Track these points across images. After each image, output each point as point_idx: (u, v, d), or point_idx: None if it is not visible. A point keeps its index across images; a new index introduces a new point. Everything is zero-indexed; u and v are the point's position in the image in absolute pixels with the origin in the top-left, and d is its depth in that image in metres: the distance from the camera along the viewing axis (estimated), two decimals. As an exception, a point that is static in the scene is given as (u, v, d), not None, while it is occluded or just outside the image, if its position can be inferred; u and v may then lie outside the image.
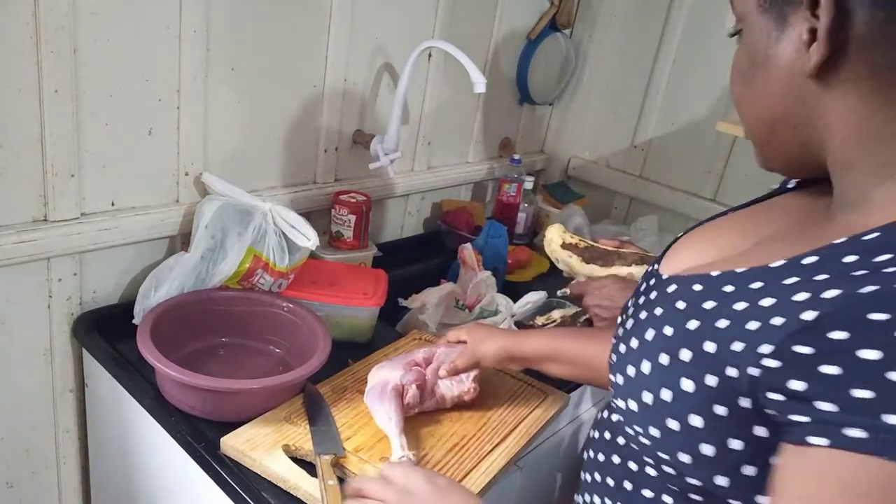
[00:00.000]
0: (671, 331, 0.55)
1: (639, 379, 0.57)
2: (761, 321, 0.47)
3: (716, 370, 0.50)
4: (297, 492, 0.78)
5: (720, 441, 0.50)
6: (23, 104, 0.91)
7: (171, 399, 0.92)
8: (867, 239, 0.46)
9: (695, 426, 0.51)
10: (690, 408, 0.52)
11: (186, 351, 1.01)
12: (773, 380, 0.45)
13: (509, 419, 0.98)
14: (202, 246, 1.05)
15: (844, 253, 0.46)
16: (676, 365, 0.53)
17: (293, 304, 1.06)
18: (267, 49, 1.15)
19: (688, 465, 0.53)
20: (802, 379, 0.43)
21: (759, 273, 0.51)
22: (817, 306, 0.44)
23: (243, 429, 0.86)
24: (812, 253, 0.49)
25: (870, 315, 0.41)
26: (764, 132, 0.55)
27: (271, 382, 0.89)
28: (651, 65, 1.75)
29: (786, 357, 0.44)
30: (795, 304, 0.45)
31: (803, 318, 0.44)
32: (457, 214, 1.60)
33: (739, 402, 0.48)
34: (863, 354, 0.40)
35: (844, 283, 0.44)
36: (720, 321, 0.51)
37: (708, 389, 0.50)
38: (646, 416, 0.56)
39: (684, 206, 1.73)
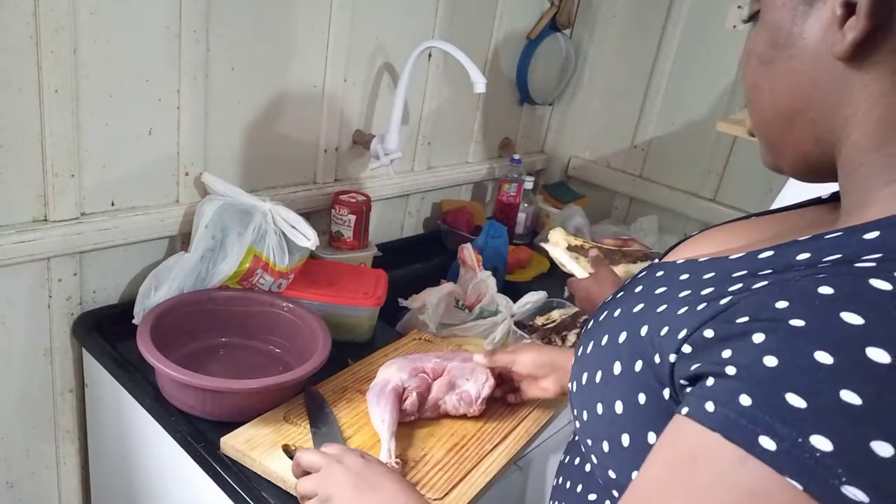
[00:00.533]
0: (618, 312, 0.54)
1: (582, 358, 0.56)
2: (690, 307, 0.45)
3: (644, 355, 0.47)
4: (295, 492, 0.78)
5: (637, 432, 0.48)
6: (23, 104, 0.91)
7: (171, 399, 0.92)
8: (827, 238, 0.43)
9: (616, 412, 0.49)
10: (615, 392, 0.50)
11: (186, 351, 1.01)
12: (683, 365, 0.43)
13: (509, 419, 0.98)
14: (202, 246, 1.05)
15: (801, 250, 0.44)
16: (613, 346, 0.51)
17: (293, 304, 1.06)
18: (267, 49, 1.15)
19: (607, 455, 0.51)
20: (700, 361, 0.41)
21: (716, 263, 0.49)
22: (739, 294, 0.42)
23: (243, 429, 0.86)
24: (770, 248, 0.46)
25: (775, 302, 0.38)
26: (780, 125, 0.50)
27: (271, 382, 0.89)
28: (651, 65, 1.76)
29: (696, 342, 0.42)
30: (727, 293, 0.43)
31: (721, 303, 0.42)
32: (457, 214, 1.60)
33: (661, 391, 0.46)
34: (752, 337, 0.38)
35: (778, 277, 0.42)
36: (661, 306, 0.49)
37: (633, 374, 0.48)
38: (580, 396, 0.54)
39: (684, 206, 1.74)
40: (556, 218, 1.72)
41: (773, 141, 0.52)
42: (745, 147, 1.62)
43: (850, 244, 0.41)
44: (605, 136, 1.90)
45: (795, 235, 0.50)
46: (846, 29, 0.43)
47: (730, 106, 1.61)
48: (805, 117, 0.48)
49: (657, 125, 1.79)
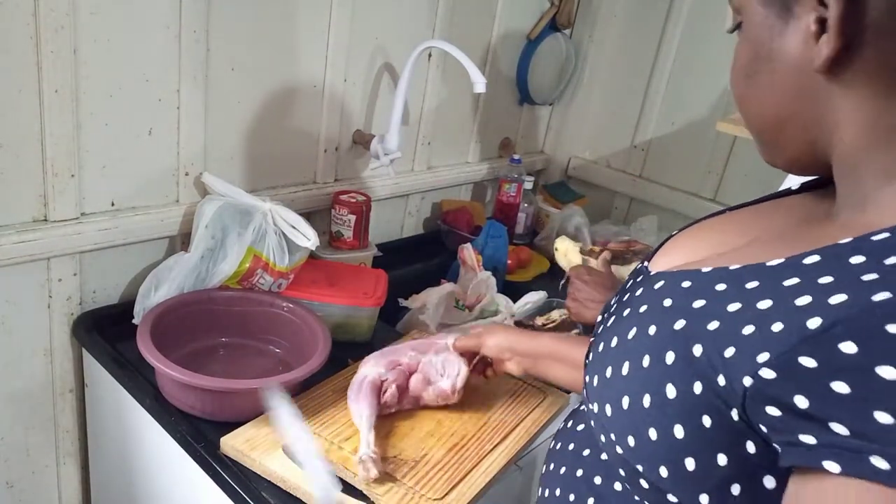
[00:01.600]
0: (655, 330, 0.51)
1: (616, 381, 0.53)
2: (757, 326, 0.43)
3: (703, 377, 0.45)
4: (296, 492, 0.79)
5: (705, 455, 0.46)
6: (23, 104, 0.91)
7: (171, 399, 0.92)
8: (876, 240, 0.42)
9: (677, 437, 0.47)
10: (673, 416, 0.47)
11: (186, 351, 1.01)
12: (770, 392, 0.40)
13: (509, 419, 0.98)
14: (202, 246, 1.05)
15: (850, 253, 0.42)
16: (659, 368, 0.48)
17: (293, 304, 1.06)
18: (267, 49, 1.15)
19: (667, 480, 0.48)
20: (805, 395, 0.38)
21: (754, 271, 0.47)
22: (823, 313, 0.39)
23: (243, 429, 0.86)
24: (814, 252, 0.44)
25: (885, 326, 0.36)
26: (771, 131, 0.52)
27: (271, 382, 0.89)
28: (651, 65, 1.76)
29: (786, 369, 0.40)
30: (798, 308, 0.41)
31: (808, 325, 0.39)
32: (457, 214, 1.60)
33: (728, 413, 0.44)
34: (878, 371, 0.36)
35: (853, 287, 0.40)
36: (711, 322, 0.46)
37: (693, 397, 0.46)
38: (622, 422, 0.51)
39: (684, 206, 1.73)
40: (556, 218, 1.71)
41: (768, 142, 0.53)
42: (745, 147, 1.62)
43: None
44: (605, 136, 1.90)
45: (794, 235, 0.51)
46: (821, 44, 0.44)
47: (730, 106, 1.61)
48: (794, 124, 0.50)
49: (657, 125, 1.79)
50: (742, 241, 0.55)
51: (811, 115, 0.48)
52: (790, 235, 0.52)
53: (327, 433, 0.88)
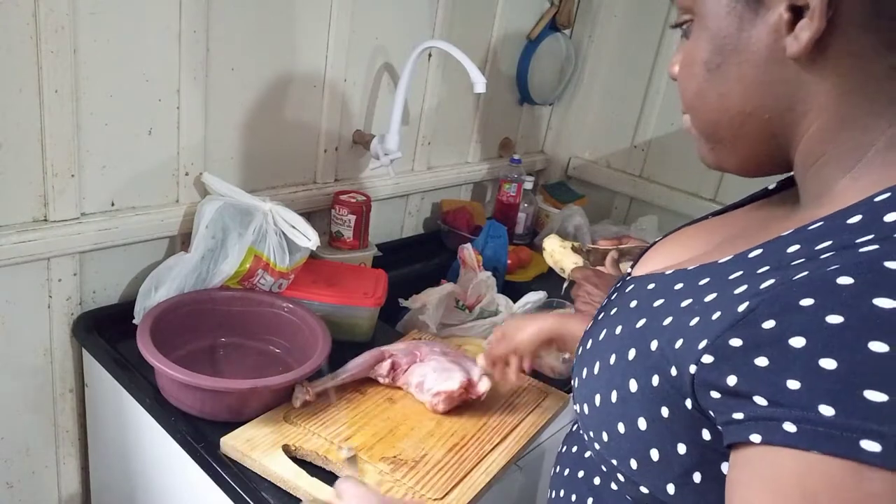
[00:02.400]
0: (620, 329, 0.54)
1: (590, 380, 0.55)
2: (701, 316, 0.45)
3: (659, 369, 0.47)
4: (297, 492, 0.79)
5: (666, 445, 0.48)
6: (23, 104, 0.91)
7: (171, 399, 0.92)
8: (812, 228, 0.44)
9: (641, 429, 0.49)
10: (636, 409, 0.49)
11: (186, 351, 1.01)
12: (709, 376, 0.42)
13: (509, 419, 0.98)
14: (203, 246, 1.05)
15: (789, 244, 0.44)
16: (623, 364, 0.51)
17: (293, 305, 1.06)
18: (267, 49, 1.15)
19: (637, 472, 0.50)
20: (735, 373, 0.40)
21: (706, 270, 0.50)
22: (752, 297, 0.42)
23: (243, 429, 0.86)
24: (758, 246, 0.47)
25: (799, 301, 0.38)
26: (730, 126, 0.51)
27: (271, 382, 0.89)
28: (651, 65, 1.76)
29: (720, 352, 0.42)
30: (734, 296, 0.43)
31: (738, 309, 0.42)
32: (457, 214, 1.60)
33: (683, 402, 0.46)
34: (790, 342, 0.38)
35: (781, 271, 0.42)
36: (666, 318, 0.49)
37: (652, 389, 0.48)
38: (596, 418, 0.54)
39: (684, 206, 1.73)
40: (557, 218, 1.72)
41: (721, 141, 0.52)
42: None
43: (836, 230, 0.43)
44: (605, 136, 1.90)
45: (753, 234, 0.52)
46: (798, 30, 0.44)
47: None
48: (758, 118, 0.49)
49: (657, 125, 1.79)
50: (712, 245, 0.57)
51: (778, 106, 0.48)
52: (749, 235, 0.53)
53: (327, 433, 0.88)
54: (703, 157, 0.56)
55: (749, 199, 0.65)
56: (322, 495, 0.75)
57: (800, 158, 0.49)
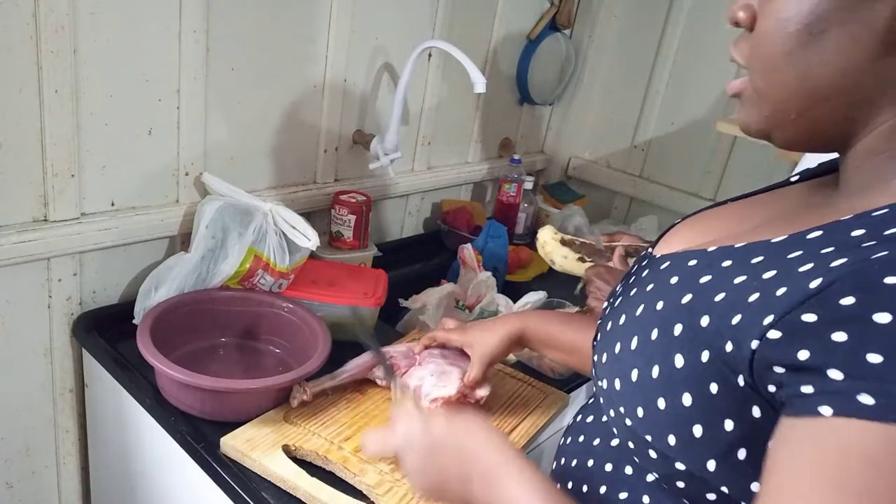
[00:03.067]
0: (662, 304, 0.52)
1: (625, 355, 0.54)
2: (762, 293, 0.44)
3: (711, 345, 0.46)
4: (296, 492, 0.79)
5: (712, 421, 0.47)
6: (23, 104, 0.91)
7: (171, 399, 0.92)
8: (876, 214, 0.43)
9: (685, 405, 0.48)
10: (681, 385, 0.48)
11: (186, 350, 1.01)
12: (775, 352, 0.42)
13: (509, 420, 0.98)
14: (203, 246, 1.05)
15: (851, 228, 0.43)
16: (667, 340, 0.50)
17: (293, 305, 1.06)
18: (267, 49, 1.15)
19: (674, 448, 0.50)
20: (807, 348, 0.40)
21: (759, 247, 0.48)
22: (824, 274, 0.41)
23: (243, 429, 0.86)
24: (816, 228, 0.46)
25: (884, 279, 0.38)
26: (808, 100, 0.47)
27: (271, 383, 0.89)
28: (651, 65, 1.76)
29: (790, 327, 0.41)
30: (800, 274, 0.42)
31: (811, 286, 0.41)
32: (457, 214, 1.60)
33: (735, 378, 0.45)
34: (874, 318, 0.37)
35: (853, 252, 0.41)
36: (718, 294, 0.48)
37: (701, 365, 0.47)
38: (631, 394, 0.53)
39: (684, 206, 1.73)
40: (557, 218, 1.71)
41: (788, 111, 0.49)
42: (745, 147, 1.62)
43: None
44: (605, 136, 1.90)
45: (795, 218, 0.51)
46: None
47: (730, 106, 1.61)
48: (835, 102, 0.47)
49: (657, 125, 1.79)
50: (744, 228, 0.56)
51: (862, 94, 0.46)
52: (792, 218, 0.52)
53: (327, 433, 0.88)
54: (747, 123, 0.52)
55: (769, 188, 0.64)
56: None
57: (861, 148, 0.48)
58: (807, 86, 0.47)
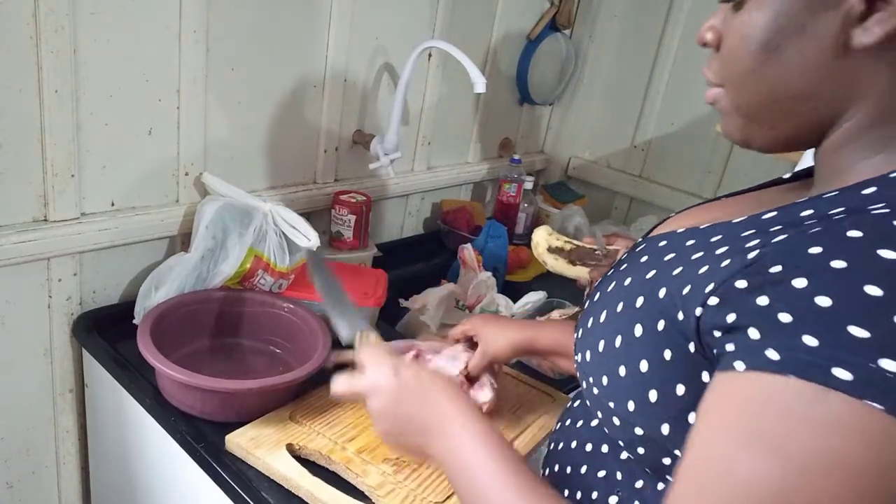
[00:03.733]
0: (630, 280, 0.56)
1: (595, 328, 0.58)
2: (710, 265, 0.47)
3: (666, 314, 0.50)
4: (298, 491, 0.79)
5: (665, 386, 0.50)
6: (23, 104, 0.91)
7: (171, 399, 0.92)
8: (826, 197, 0.47)
9: (642, 371, 0.51)
10: (639, 352, 0.52)
11: (186, 351, 1.01)
12: (714, 317, 0.45)
13: (516, 425, 0.97)
14: (203, 246, 1.05)
15: (802, 209, 0.47)
16: (630, 311, 0.54)
17: (293, 305, 1.06)
18: (267, 49, 1.15)
19: (633, 413, 0.53)
20: (735, 311, 0.43)
21: (720, 228, 0.52)
22: (763, 247, 0.44)
23: (248, 427, 0.87)
24: (772, 210, 0.49)
25: (807, 249, 0.41)
26: (776, 108, 0.51)
27: (271, 383, 0.89)
28: (651, 65, 1.76)
29: (725, 293, 0.44)
30: (745, 248, 0.46)
31: (748, 257, 0.44)
32: (457, 214, 1.60)
33: (686, 345, 0.48)
34: (793, 283, 0.40)
35: (795, 229, 0.45)
36: (676, 269, 0.51)
37: (657, 334, 0.50)
38: (598, 363, 0.56)
39: (684, 206, 1.73)
40: (557, 218, 1.71)
41: (759, 121, 0.53)
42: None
43: (850, 199, 0.45)
44: (605, 136, 1.90)
45: (771, 203, 0.53)
46: (874, 23, 0.44)
47: (730, 106, 1.61)
48: (806, 104, 0.49)
49: (657, 125, 1.79)
50: (726, 216, 0.58)
51: (830, 94, 0.48)
52: (765, 207, 0.54)
53: (331, 433, 0.88)
54: (729, 132, 0.56)
55: (764, 185, 0.66)
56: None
57: (833, 139, 0.50)
58: (774, 97, 0.50)
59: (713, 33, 0.55)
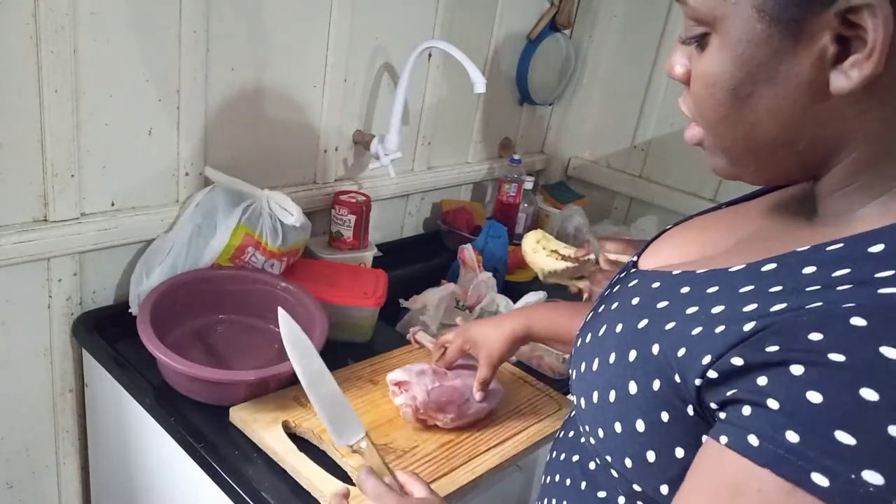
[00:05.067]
0: (621, 327, 0.53)
1: (588, 375, 0.55)
2: (705, 328, 0.45)
3: (661, 374, 0.47)
4: (284, 464, 0.83)
5: (664, 448, 0.48)
6: (23, 104, 0.91)
7: (174, 385, 0.94)
8: (829, 250, 0.43)
9: (638, 430, 0.49)
10: (634, 411, 0.49)
11: (185, 330, 1.03)
12: (713, 391, 0.43)
13: (514, 424, 0.97)
14: (191, 223, 1.05)
15: (803, 264, 0.43)
16: (623, 364, 0.51)
17: (287, 284, 1.08)
18: (267, 49, 1.15)
19: (631, 471, 0.51)
20: (735, 388, 0.42)
21: (716, 277, 0.49)
22: (760, 319, 0.42)
23: (252, 402, 0.90)
24: (772, 260, 0.46)
25: (807, 334, 0.39)
26: (761, 155, 0.48)
27: (272, 372, 0.91)
28: (651, 65, 1.75)
29: (723, 368, 0.42)
30: (742, 314, 0.43)
31: (745, 329, 0.42)
32: (457, 214, 1.60)
33: (684, 408, 0.46)
34: (790, 369, 0.38)
35: (794, 297, 0.42)
36: (669, 323, 0.48)
37: (652, 393, 0.48)
38: (593, 415, 0.54)
39: (684, 206, 1.73)
40: (557, 218, 1.71)
41: (744, 162, 0.49)
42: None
43: (856, 258, 0.42)
44: (605, 136, 1.90)
45: (769, 238, 0.51)
46: (849, 67, 0.41)
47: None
48: (791, 148, 0.46)
49: (657, 125, 1.79)
50: (727, 241, 0.56)
51: (816, 138, 0.45)
52: (766, 238, 0.52)
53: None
54: (717, 170, 0.52)
55: (763, 191, 0.63)
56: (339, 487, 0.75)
57: (828, 181, 0.48)
58: (752, 142, 0.47)
59: (682, 68, 0.49)
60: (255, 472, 0.82)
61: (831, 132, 0.45)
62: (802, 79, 0.43)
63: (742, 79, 0.45)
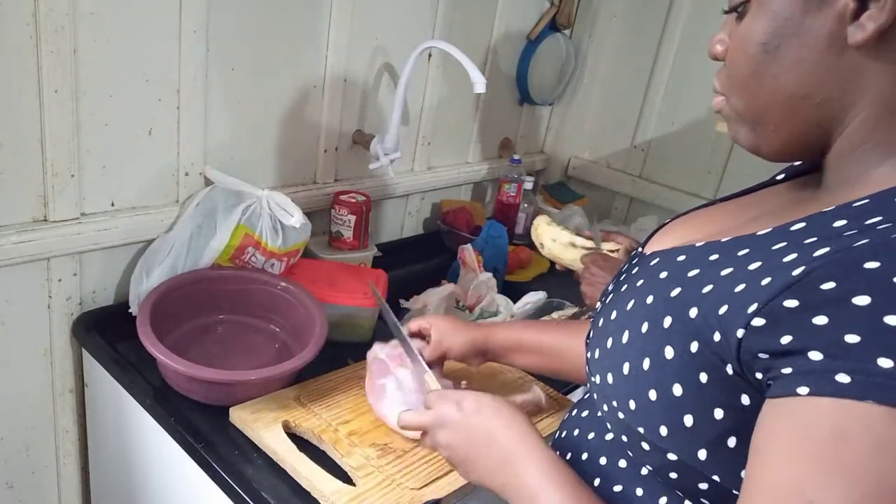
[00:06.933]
0: (652, 299, 0.54)
1: (617, 349, 0.56)
2: (747, 283, 0.46)
3: (699, 336, 0.48)
4: (283, 464, 0.82)
5: (702, 410, 0.48)
6: (23, 104, 0.91)
7: (174, 385, 0.93)
8: (857, 206, 0.46)
9: (675, 395, 0.50)
10: (671, 376, 0.50)
11: (185, 329, 1.02)
12: (760, 339, 0.43)
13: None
14: (191, 223, 1.05)
15: (834, 218, 0.46)
16: (657, 332, 0.52)
17: (287, 284, 1.08)
18: (267, 49, 1.15)
19: (666, 439, 0.51)
20: (789, 332, 0.41)
21: (744, 241, 0.51)
22: (806, 263, 0.43)
23: (253, 402, 0.90)
24: (800, 220, 0.48)
25: (863, 264, 0.40)
26: (780, 110, 0.51)
27: (273, 373, 0.91)
28: (651, 65, 1.75)
29: (773, 314, 0.43)
30: (784, 263, 0.44)
31: (793, 274, 0.43)
32: (457, 214, 1.60)
33: (724, 367, 0.47)
34: (854, 300, 0.39)
35: (835, 241, 0.43)
36: (705, 287, 0.49)
37: (690, 356, 0.49)
38: (623, 387, 0.54)
39: (684, 206, 1.70)
40: (557, 218, 1.71)
41: (765, 123, 0.53)
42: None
43: (886, 208, 0.44)
44: (605, 136, 1.90)
45: (782, 213, 0.53)
46: (865, 19, 0.45)
47: (730, 106, 1.61)
48: (809, 103, 0.50)
49: (657, 125, 1.79)
50: (741, 220, 0.58)
51: (832, 92, 0.49)
52: (779, 213, 0.54)
53: (328, 415, 0.91)
54: (738, 139, 0.56)
55: (756, 187, 0.66)
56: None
57: (842, 143, 0.50)
58: (776, 98, 0.51)
59: (722, 45, 0.55)
60: (254, 472, 0.82)
61: (846, 87, 0.48)
62: (825, 33, 0.47)
63: (772, 33, 0.49)
